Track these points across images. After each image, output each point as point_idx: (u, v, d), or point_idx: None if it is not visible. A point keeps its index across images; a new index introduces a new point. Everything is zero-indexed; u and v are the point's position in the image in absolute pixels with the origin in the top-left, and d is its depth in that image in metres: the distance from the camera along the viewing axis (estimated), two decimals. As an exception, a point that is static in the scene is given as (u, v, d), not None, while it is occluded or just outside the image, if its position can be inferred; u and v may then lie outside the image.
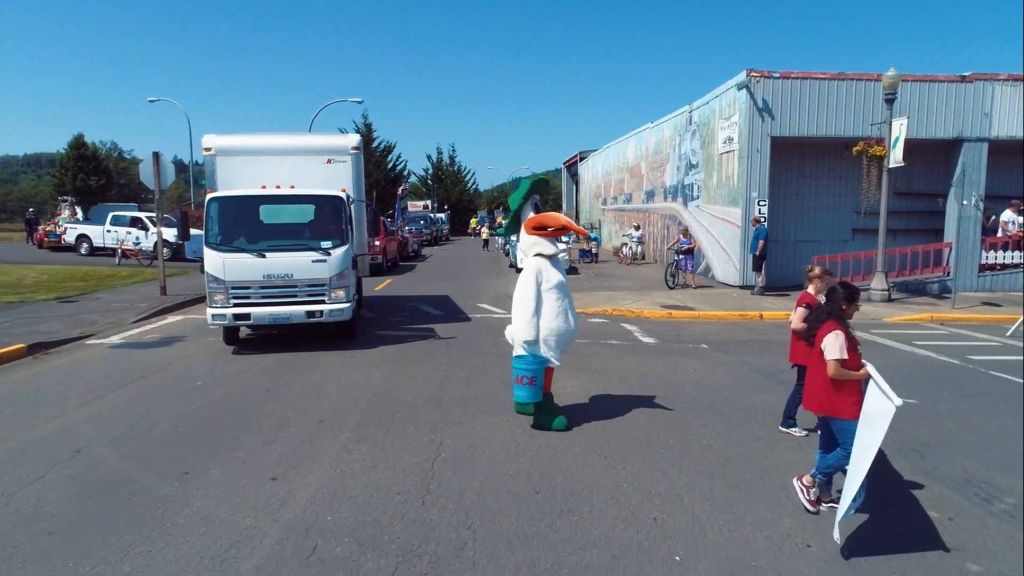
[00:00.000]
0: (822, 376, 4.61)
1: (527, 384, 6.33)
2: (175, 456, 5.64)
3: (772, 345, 10.92)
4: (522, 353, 6.39)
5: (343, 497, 4.85)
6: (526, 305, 6.30)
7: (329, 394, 7.62)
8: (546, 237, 6.49)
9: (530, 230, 6.53)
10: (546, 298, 6.33)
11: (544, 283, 6.34)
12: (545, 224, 6.53)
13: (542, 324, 6.32)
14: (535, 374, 6.34)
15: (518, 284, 6.50)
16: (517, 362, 6.42)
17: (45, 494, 4.87)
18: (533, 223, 6.54)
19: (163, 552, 4.04)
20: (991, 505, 4.90)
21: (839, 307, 4.66)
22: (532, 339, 6.31)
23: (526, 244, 6.56)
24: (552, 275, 6.39)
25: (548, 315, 6.33)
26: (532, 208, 6.79)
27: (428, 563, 3.96)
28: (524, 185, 6.79)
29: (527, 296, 6.31)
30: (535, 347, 6.36)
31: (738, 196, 17.68)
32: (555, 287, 6.36)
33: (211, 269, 9.61)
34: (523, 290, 6.36)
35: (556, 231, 6.57)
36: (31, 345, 10.00)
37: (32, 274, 20.01)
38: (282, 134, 11.64)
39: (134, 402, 7.29)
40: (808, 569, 3.98)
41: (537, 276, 6.33)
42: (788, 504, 4.86)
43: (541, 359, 6.37)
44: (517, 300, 6.43)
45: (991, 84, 17.45)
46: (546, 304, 6.34)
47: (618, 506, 4.78)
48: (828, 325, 4.62)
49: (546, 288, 6.34)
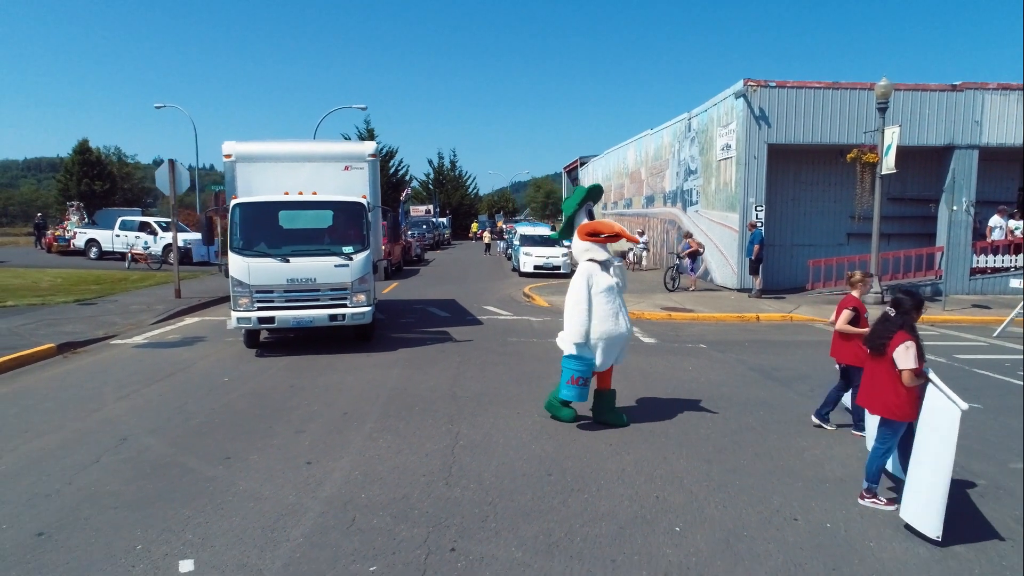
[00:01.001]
0: (891, 382, 4.78)
1: (581, 384, 6.51)
2: (215, 443, 6.13)
3: (768, 345, 11.41)
4: (573, 354, 6.55)
5: (373, 478, 5.34)
6: (577, 308, 6.50)
7: (350, 389, 8.10)
8: (599, 243, 6.67)
9: (584, 236, 6.70)
10: (596, 302, 6.50)
11: (594, 287, 6.52)
12: (599, 231, 6.69)
13: (593, 327, 6.51)
14: (585, 375, 6.52)
15: (570, 288, 6.69)
16: (568, 362, 6.56)
17: (102, 476, 5.35)
18: (587, 229, 6.71)
19: (219, 523, 4.53)
20: (964, 487, 5.38)
21: (910, 317, 4.83)
22: (583, 341, 6.50)
23: (579, 249, 6.73)
24: (603, 279, 6.57)
25: (598, 318, 6.50)
26: (586, 214, 6.92)
27: (456, 532, 4.45)
28: (579, 192, 6.94)
29: (578, 300, 6.51)
30: (585, 349, 6.56)
31: (736, 202, 18.19)
32: (605, 291, 6.54)
33: (236, 273, 9.86)
34: (575, 294, 6.56)
35: (609, 237, 6.73)
36: (60, 345, 10.47)
37: (47, 277, 20.49)
38: (300, 141, 12.07)
39: (168, 396, 7.78)
40: (795, 538, 4.47)
41: (588, 280, 6.53)
42: (778, 484, 5.35)
43: (591, 361, 6.55)
44: (569, 304, 6.61)
45: (981, 93, 17.99)
46: (596, 308, 6.51)
47: (623, 486, 5.27)
48: (900, 336, 4.74)
49: (596, 292, 6.51)
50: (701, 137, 21.10)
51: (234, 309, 9.95)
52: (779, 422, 7.05)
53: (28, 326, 11.88)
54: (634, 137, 30.40)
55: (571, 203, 6.89)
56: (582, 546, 4.29)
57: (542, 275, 23.00)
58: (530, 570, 4.00)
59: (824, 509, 4.92)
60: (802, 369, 9.60)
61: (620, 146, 33.72)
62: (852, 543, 4.41)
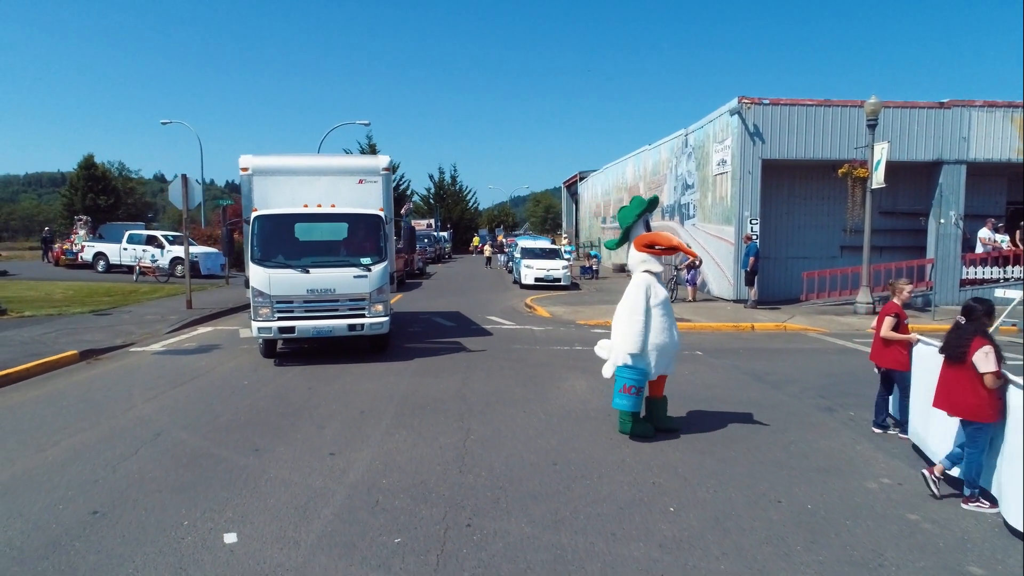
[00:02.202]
0: (971, 386, 5.01)
1: (633, 394, 6.52)
2: (244, 437, 6.60)
3: (762, 352, 11.89)
4: (628, 364, 6.58)
5: (393, 467, 5.81)
6: (635, 319, 6.53)
7: (365, 392, 8.57)
8: (655, 255, 6.76)
9: (641, 247, 6.76)
10: (653, 313, 6.58)
11: (652, 298, 6.60)
12: (656, 243, 6.77)
13: (649, 338, 6.57)
14: (640, 384, 6.55)
15: (626, 298, 6.74)
16: (622, 372, 6.56)
17: (143, 465, 5.82)
18: (644, 241, 6.77)
19: (255, 503, 4.99)
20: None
21: (982, 323, 5.07)
22: (639, 351, 6.53)
23: (635, 260, 6.80)
24: (660, 291, 6.68)
25: (655, 330, 6.57)
26: (643, 226, 6.98)
27: (471, 511, 4.91)
28: (638, 202, 6.94)
29: (636, 310, 6.55)
30: (640, 359, 6.58)
31: (731, 215, 18.74)
32: (662, 303, 6.65)
33: (256, 284, 10.07)
34: (632, 304, 6.61)
35: (666, 250, 6.83)
36: (82, 352, 10.94)
37: (58, 290, 20.95)
38: (315, 155, 12.51)
39: (194, 396, 8.25)
40: (778, 516, 4.93)
41: (647, 291, 6.59)
42: (765, 473, 5.82)
43: (645, 370, 6.59)
44: (625, 313, 6.65)
45: (968, 110, 18.61)
46: (653, 319, 6.58)
47: (623, 474, 5.74)
48: (978, 341, 4.97)
49: (654, 304, 6.59)
50: (698, 152, 21.70)
51: (254, 319, 10.18)
52: (769, 419, 7.52)
53: (49, 335, 12.35)
54: (633, 152, 31.06)
55: (629, 213, 6.92)
56: (585, 523, 4.76)
57: (543, 287, 23.50)
58: (538, 542, 4.46)
59: (806, 493, 5.38)
60: (793, 374, 10.07)
61: (619, 161, 34.39)
62: (830, 521, 4.87)
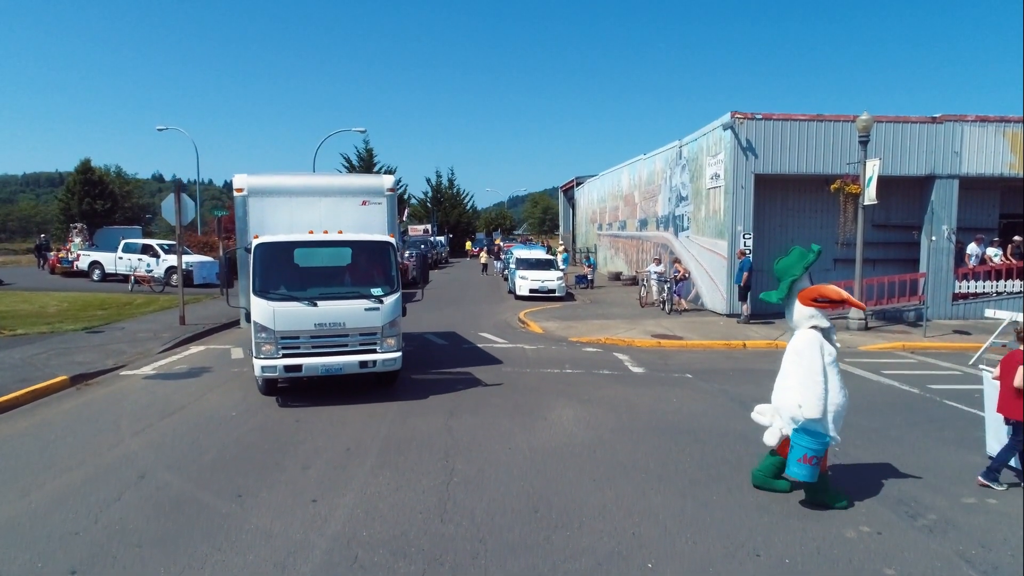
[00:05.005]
0: None
1: (814, 464, 5.99)
2: (228, 479, 6.61)
3: (751, 374, 11.93)
4: (807, 429, 6.07)
5: (375, 515, 5.83)
6: (815, 380, 6.05)
7: (353, 422, 8.59)
8: (822, 309, 6.33)
9: (808, 302, 6.29)
10: (828, 373, 6.15)
11: (826, 356, 6.18)
12: (825, 296, 6.30)
13: (828, 399, 6.12)
14: (820, 453, 6.02)
15: (798, 357, 6.24)
16: (803, 440, 6.03)
17: (126, 513, 5.83)
18: (812, 295, 6.30)
19: (235, 559, 5.01)
20: (915, 520, 5.88)
21: None
22: (821, 416, 6.06)
23: (802, 316, 6.34)
24: (830, 349, 6.27)
25: (832, 391, 6.14)
26: (808, 279, 6.49)
27: (449, 568, 4.93)
28: (801, 254, 6.41)
29: (814, 371, 6.08)
30: (819, 424, 6.09)
31: (724, 229, 18.78)
32: (834, 361, 6.25)
33: (260, 318, 9.28)
34: (810, 365, 6.12)
35: (836, 304, 6.39)
36: (73, 377, 10.95)
37: (53, 302, 20.96)
38: (315, 175, 12.17)
39: (181, 430, 8.26)
40: (756, 572, 4.95)
41: (822, 350, 6.17)
42: (746, 519, 5.85)
43: (827, 437, 6.10)
44: (802, 375, 6.13)
45: (960, 125, 18.65)
46: (829, 380, 6.15)
47: (603, 522, 5.76)
48: None
49: (828, 362, 6.17)
50: (692, 165, 21.73)
51: (257, 356, 9.37)
52: (753, 456, 7.50)
53: (40, 356, 12.36)
54: (628, 161, 31.10)
55: (794, 266, 6.39)
56: (563, 580, 4.78)
57: (537, 299, 23.52)
58: (515, 603, 4.49)
59: (785, 543, 5.41)
60: (781, 400, 10.09)
61: (614, 169, 34.43)
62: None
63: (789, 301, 6.43)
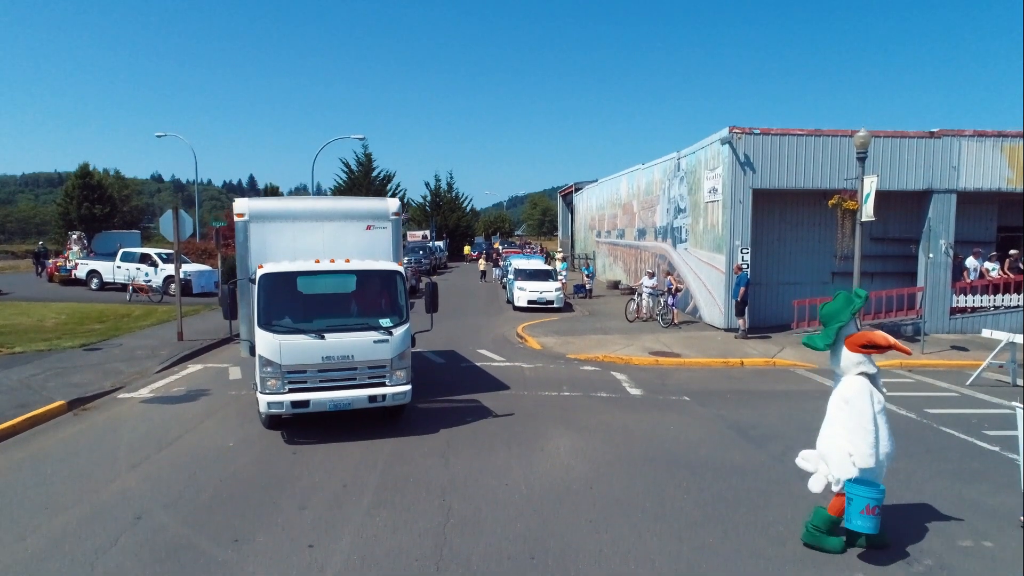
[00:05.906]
0: None
1: (877, 515, 5.90)
2: (225, 520, 6.62)
3: (749, 396, 11.95)
4: (859, 480, 6.00)
5: (371, 562, 5.84)
6: (866, 430, 5.99)
7: (350, 455, 8.59)
8: (869, 355, 6.23)
9: (856, 348, 6.19)
10: (879, 421, 6.11)
11: (876, 404, 6.13)
12: (874, 343, 6.19)
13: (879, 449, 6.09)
14: (880, 502, 5.92)
15: (844, 405, 6.15)
16: (859, 491, 5.93)
17: (123, 560, 5.84)
18: (860, 341, 6.19)
19: (231, 614, 5.02)
20: (911, 567, 5.89)
21: None
22: (873, 466, 6.01)
23: (850, 362, 6.22)
24: (879, 396, 6.22)
25: (882, 439, 6.10)
26: (855, 325, 6.44)
27: (445, 623, 4.94)
28: (847, 299, 6.34)
29: (865, 420, 6.02)
30: (870, 473, 6.04)
31: (722, 243, 18.79)
32: (883, 408, 6.20)
33: (265, 352, 8.95)
34: (860, 414, 6.05)
35: (883, 349, 6.25)
36: (70, 401, 10.95)
37: (51, 314, 20.96)
38: (319, 198, 11.82)
39: (179, 463, 8.27)
40: (750, 627, 4.97)
41: (871, 397, 6.12)
42: (742, 565, 5.86)
43: (881, 485, 6.05)
44: (852, 425, 6.05)
45: (958, 140, 18.67)
46: (879, 428, 6.10)
47: (599, 568, 5.77)
48: None
49: (878, 411, 6.12)
50: (690, 177, 21.74)
51: (262, 392, 9.02)
52: (750, 491, 7.56)
53: (38, 377, 12.37)
54: (627, 170, 31.12)
55: (841, 312, 6.29)
56: (558, 637, 4.79)
57: (536, 310, 23.53)
58: (511, 664, 4.49)
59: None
60: (778, 426, 10.11)
61: (613, 177, 34.47)
62: (802, 632, 4.91)
63: (836, 347, 6.32)
